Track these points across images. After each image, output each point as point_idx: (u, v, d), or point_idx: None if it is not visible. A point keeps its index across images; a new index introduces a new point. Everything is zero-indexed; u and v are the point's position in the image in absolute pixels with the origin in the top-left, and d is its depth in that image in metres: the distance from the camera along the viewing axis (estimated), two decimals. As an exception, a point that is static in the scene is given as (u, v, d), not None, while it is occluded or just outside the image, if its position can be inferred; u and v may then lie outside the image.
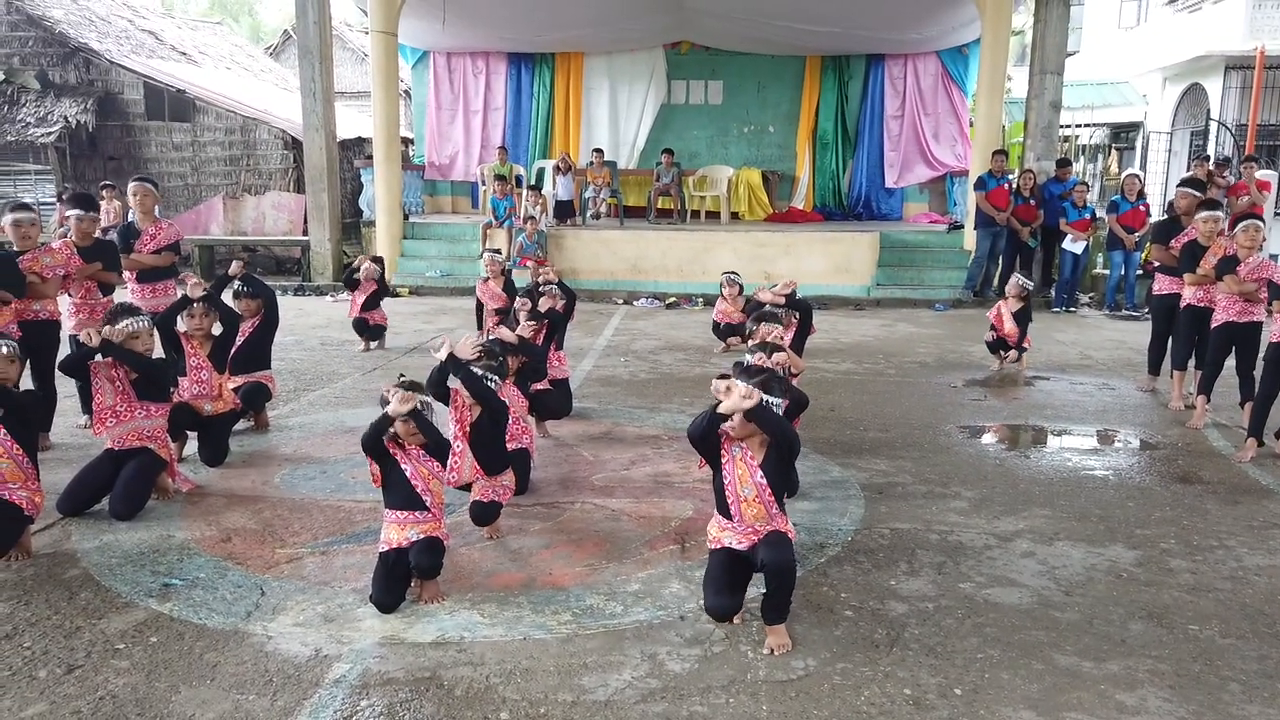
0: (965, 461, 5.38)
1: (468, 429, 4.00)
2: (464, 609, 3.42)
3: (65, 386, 5.52)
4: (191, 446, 5.20)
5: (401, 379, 3.49)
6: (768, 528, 3.21)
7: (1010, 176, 12.24)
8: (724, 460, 3.26)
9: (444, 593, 3.51)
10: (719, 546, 3.29)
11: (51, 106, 15.82)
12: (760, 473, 3.19)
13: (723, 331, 8.68)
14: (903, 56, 15.64)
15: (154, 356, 4.71)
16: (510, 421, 4.38)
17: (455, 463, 3.81)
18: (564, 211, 14.01)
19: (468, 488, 4.13)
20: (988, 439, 6.00)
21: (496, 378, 4.01)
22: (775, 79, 16.17)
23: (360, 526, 4.18)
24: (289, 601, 3.47)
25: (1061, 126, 14.53)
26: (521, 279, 10.38)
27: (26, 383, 5.27)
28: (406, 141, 16.67)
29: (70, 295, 5.79)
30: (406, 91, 18.31)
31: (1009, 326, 7.84)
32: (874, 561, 3.90)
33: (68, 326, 5.74)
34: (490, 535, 4.10)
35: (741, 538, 3.24)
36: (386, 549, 3.47)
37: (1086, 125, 20.67)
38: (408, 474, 3.47)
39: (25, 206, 5.58)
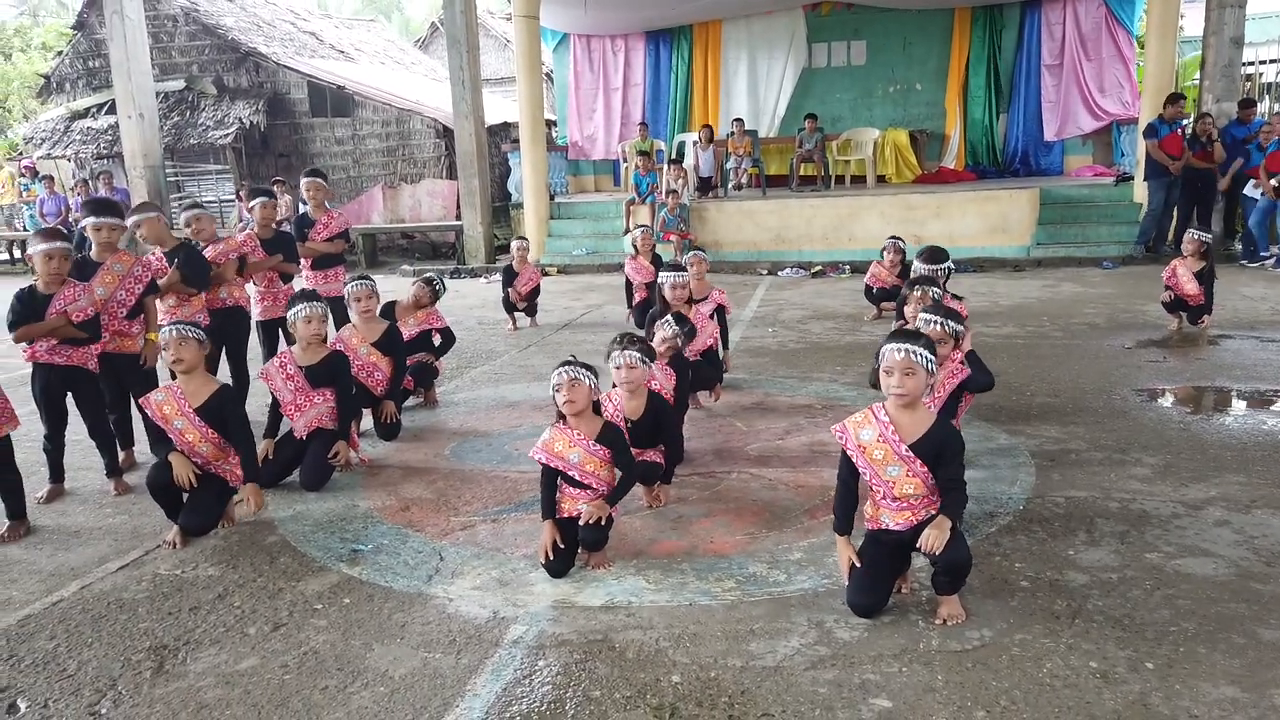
0: (1145, 426, 5.07)
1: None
2: (630, 575, 3.51)
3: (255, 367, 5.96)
4: (367, 421, 5.52)
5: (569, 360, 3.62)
6: (927, 507, 3.07)
7: (1184, 122, 11.36)
8: (853, 458, 3.13)
9: (610, 559, 3.61)
10: (876, 528, 3.18)
11: (227, 109, 17.01)
12: (905, 446, 3.05)
13: (875, 296, 8.46)
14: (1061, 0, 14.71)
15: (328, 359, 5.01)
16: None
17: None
18: (706, 184, 13.98)
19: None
20: (1169, 402, 5.63)
21: (648, 359, 4.03)
22: (922, 34, 15.54)
23: (527, 496, 4.33)
24: (466, 566, 3.65)
25: (1244, 64, 13.33)
26: (665, 253, 10.46)
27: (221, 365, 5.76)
28: (549, 123, 17.00)
29: (255, 284, 6.25)
30: (548, 74, 18.65)
31: (1190, 287, 7.26)
32: (1049, 531, 3.74)
33: (255, 313, 6.20)
34: (651, 504, 4.17)
35: (898, 517, 3.11)
36: (560, 515, 3.61)
37: (1273, 61, 18.85)
38: (576, 477, 3.59)
39: (198, 205, 6.16)
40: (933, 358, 3.06)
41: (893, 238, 8.59)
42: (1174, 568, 3.37)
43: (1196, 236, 7.33)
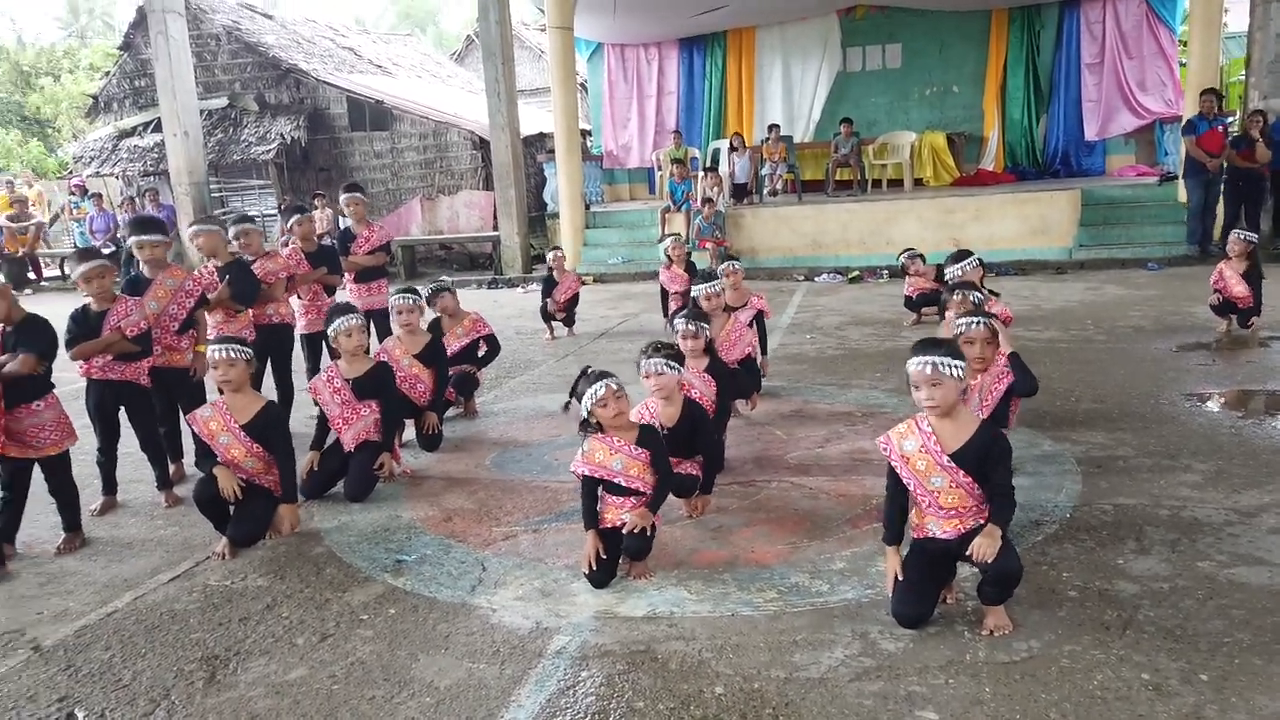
0: (1195, 431, 4.97)
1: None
2: (671, 585, 3.51)
3: (301, 379, 6.06)
4: (409, 433, 5.57)
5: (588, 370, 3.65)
6: (975, 516, 3.04)
7: (1227, 119, 11.14)
8: (897, 469, 3.11)
9: (651, 570, 3.61)
10: (921, 536, 3.15)
11: (269, 125, 17.30)
12: (946, 456, 3.01)
13: (915, 303, 8.40)
14: (1101, -2, 14.52)
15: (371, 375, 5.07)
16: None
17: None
18: (741, 191, 13.96)
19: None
20: (1219, 406, 5.51)
21: (677, 364, 4.01)
22: (958, 36, 15.42)
23: (567, 505, 4.35)
24: (508, 577, 3.67)
25: (1292, 58, 13.04)
26: (701, 260, 10.46)
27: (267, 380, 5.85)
28: (584, 133, 17.08)
29: (300, 297, 6.35)
30: (583, 84, 18.75)
31: (1238, 289, 7.10)
32: (1097, 540, 3.68)
33: (299, 326, 6.29)
34: (691, 514, 4.17)
35: (945, 525, 3.08)
36: (602, 526, 3.61)
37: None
38: (622, 483, 3.60)
39: (248, 219, 6.13)
40: (959, 363, 3.02)
41: (907, 250, 8.70)
42: (1227, 577, 3.30)
43: (1242, 237, 7.20)
